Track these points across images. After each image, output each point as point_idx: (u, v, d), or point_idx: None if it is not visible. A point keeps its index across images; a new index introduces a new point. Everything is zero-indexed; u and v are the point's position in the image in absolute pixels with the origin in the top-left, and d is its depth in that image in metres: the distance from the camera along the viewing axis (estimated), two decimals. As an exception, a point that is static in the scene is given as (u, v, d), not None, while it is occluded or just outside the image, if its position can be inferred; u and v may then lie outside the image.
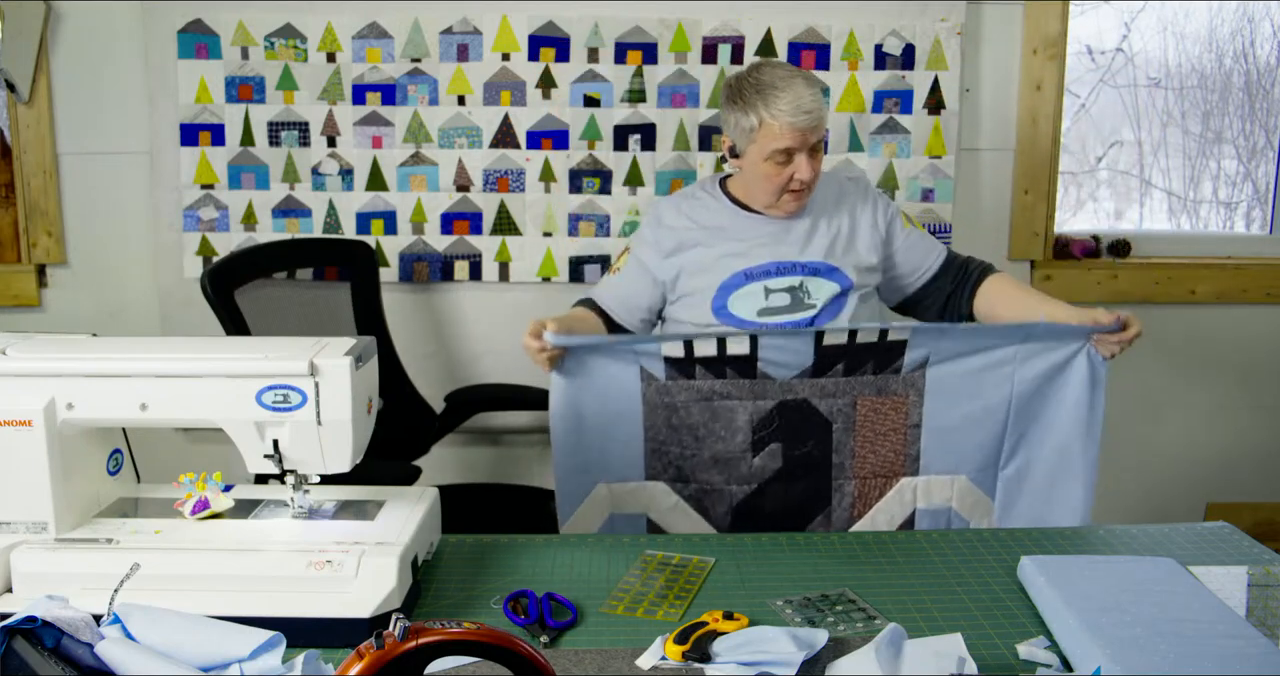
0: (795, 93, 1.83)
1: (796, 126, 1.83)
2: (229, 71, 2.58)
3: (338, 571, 1.23)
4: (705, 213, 2.01)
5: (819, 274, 1.94)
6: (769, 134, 1.85)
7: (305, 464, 1.34)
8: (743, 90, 1.88)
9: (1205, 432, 2.96)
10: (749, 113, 1.87)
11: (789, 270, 1.93)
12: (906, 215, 2.08)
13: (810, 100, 1.83)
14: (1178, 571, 1.34)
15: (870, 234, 2.01)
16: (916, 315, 2.13)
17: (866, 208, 2.03)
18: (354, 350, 1.32)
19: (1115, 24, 3.06)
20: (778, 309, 1.92)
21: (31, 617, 1.05)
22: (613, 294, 2.03)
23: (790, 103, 1.82)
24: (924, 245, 2.06)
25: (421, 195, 2.65)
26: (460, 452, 2.81)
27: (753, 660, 1.16)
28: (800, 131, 1.84)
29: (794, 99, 1.82)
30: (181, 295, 2.62)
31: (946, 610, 1.33)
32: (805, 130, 1.84)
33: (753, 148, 1.89)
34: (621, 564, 1.46)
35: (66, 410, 1.29)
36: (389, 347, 2.44)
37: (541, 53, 2.61)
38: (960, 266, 2.06)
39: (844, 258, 1.96)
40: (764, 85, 1.85)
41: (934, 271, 2.05)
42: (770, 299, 1.92)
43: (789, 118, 1.83)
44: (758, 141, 1.87)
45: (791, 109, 1.82)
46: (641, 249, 2.03)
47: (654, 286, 2.01)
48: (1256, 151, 3.18)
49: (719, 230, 1.97)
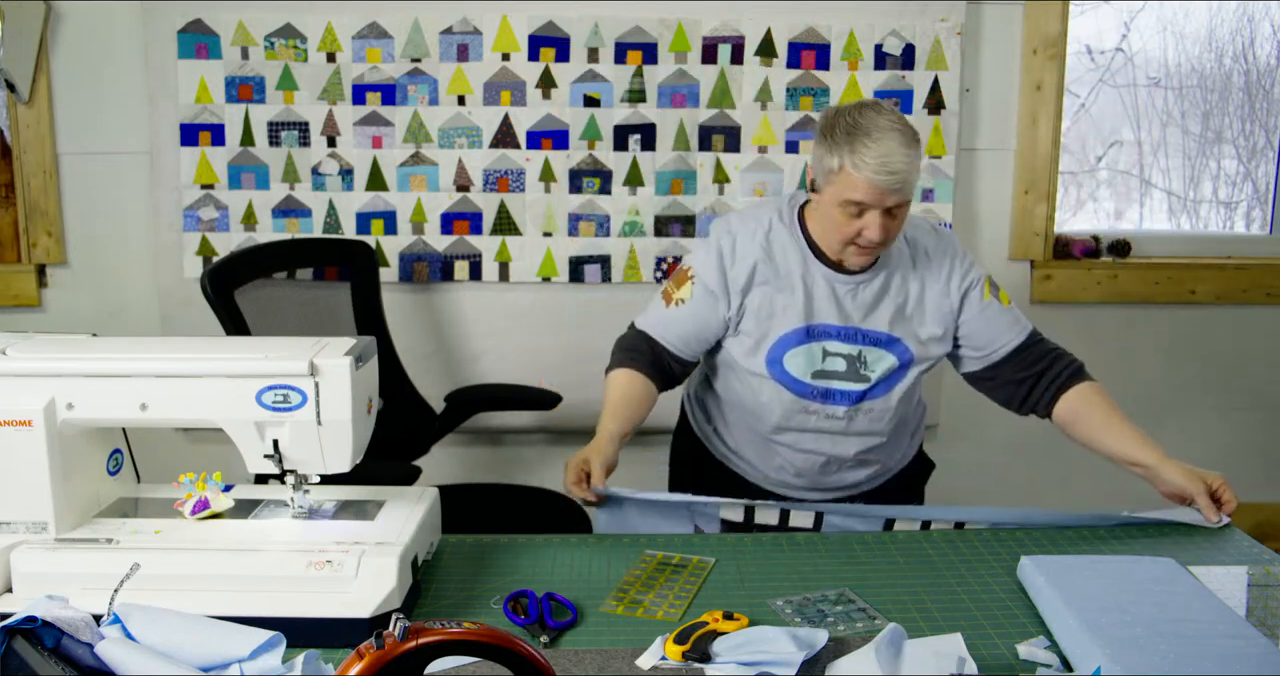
0: (885, 148, 1.65)
1: (875, 184, 1.65)
2: (229, 71, 2.58)
3: (338, 571, 1.23)
4: (780, 251, 1.82)
5: (879, 345, 1.81)
6: (846, 182, 1.68)
7: (305, 464, 1.34)
8: (835, 128, 1.71)
9: (1205, 432, 2.96)
10: (833, 153, 1.69)
11: (850, 337, 1.80)
12: (993, 284, 1.87)
13: (900, 161, 1.65)
14: (1178, 571, 1.34)
15: (939, 301, 1.83)
16: (984, 392, 1.92)
17: (944, 271, 1.84)
18: (354, 350, 1.32)
19: (1115, 24, 3.06)
20: (833, 374, 1.81)
21: (31, 617, 1.05)
22: (676, 331, 1.85)
23: (876, 157, 1.64)
24: (1002, 320, 1.85)
25: (421, 195, 2.65)
26: (460, 452, 2.81)
27: (753, 660, 1.16)
28: (878, 191, 1.66)
29: (882, 155, 1.64)
30: (181, 295, 2.62)
31: (946, 610, 1.33)
32: (884, 191, 1.66)
33: (829, 190, 1.72)
34: (621, 564, 1.45)
35: (66, 410, 1.29)
36: (389, 348, 2.44)
37: (541, 53, 2.61)
38: (1044, 355, 1.84)
39: (907, 327, 1.82)
40: (859, 130, 1.67)
41: (1007, 351, 1.84)
42: (826, 362, 1.80)
43: (869, 173, 1.65)
44: (834, 185, 1.71)
45: (876, 164, 1.64)
46: (710, 277, 1.82)
47: (721, 322, 1.84)
48: (1256, 151, 3.18)
49: (789, 275, 1.81)
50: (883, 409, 1.83)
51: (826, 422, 1.82)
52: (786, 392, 1.81)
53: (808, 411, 1.81)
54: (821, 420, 1.82)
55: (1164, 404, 2.95)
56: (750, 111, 2.66)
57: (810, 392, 1.81)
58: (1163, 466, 1.67)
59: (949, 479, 2.23)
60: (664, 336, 1.84)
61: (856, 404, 1.81)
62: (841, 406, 1.81)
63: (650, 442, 2.15)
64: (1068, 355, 1.85)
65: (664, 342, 1.84)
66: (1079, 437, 1.80)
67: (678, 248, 2.69)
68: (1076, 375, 1.82)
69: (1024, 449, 2.80)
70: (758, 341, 1.82)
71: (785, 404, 1.81)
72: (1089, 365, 1.84)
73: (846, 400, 1.81)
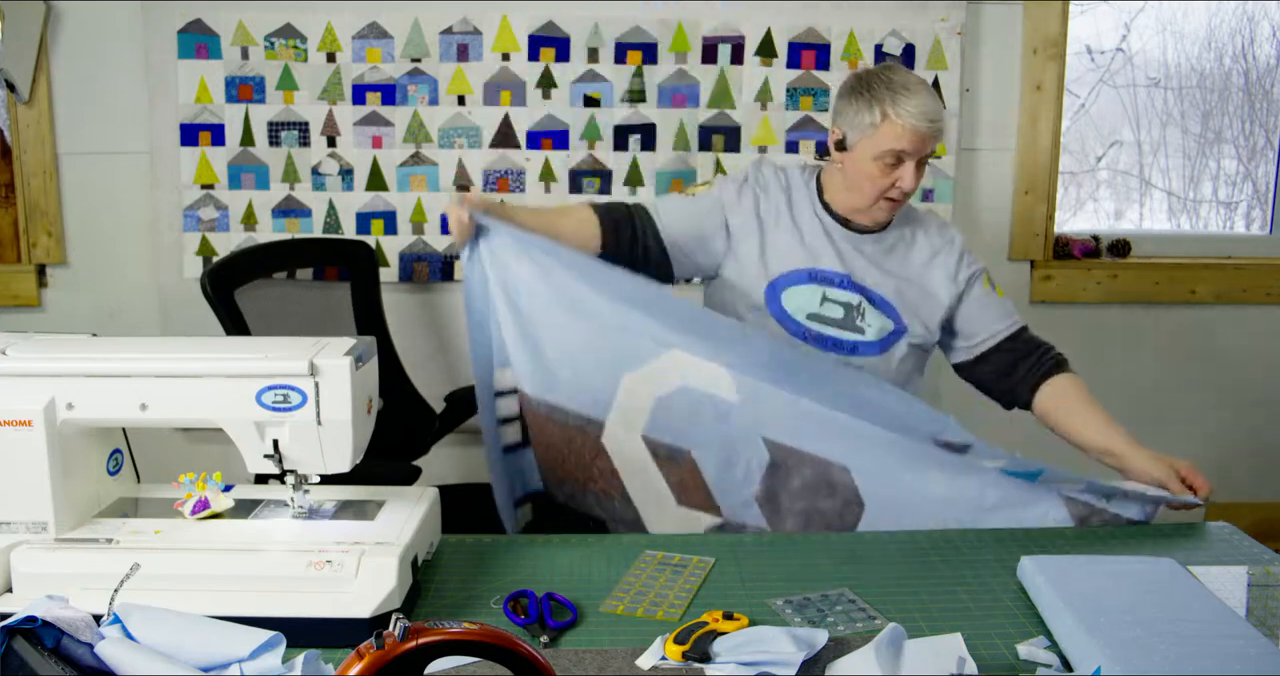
0: (924, 99, 1.78)
1: (919, 131, 1.77)
2: (229, 71, 2.58)
3: (338, 571, 1.23)
4: (798, 200, 1.92)
5: (879, 306, 1.87)
6: (889, 132, 1.78)
7: (305, 464, 1.34)
8: (872, 85, 1.81)
9: (1205, 432, 2.96)
10: (874, 106, 1.79)
11: (854, 288, 1.87)
12: (990, 278, 1.96)
13: (936, 111, 1.78)
14: (1178, 571, 1.34)
15: (945, 285, 1.91)
16: (972, 383, 1.99)
17: (950, 258, 1.92)
18: (354, 350, 1.32)
19: (1115, 24, 3.06)
20: (829, 319, 1.86)
21: (31, 617, 1.05)
22: (678, 216, 1.90)
23: (918, 107, 1.77)
24: (996, 311, 1.93)
25: (421, 195, 2.65)
26: (460, 452, 2.80)
27: (753, 660, 1.16)
28: (921, 136, 1.78)
29: (922, 104, 1.77)
30: (181, 295, 2.62)
31: (946, 610, 1.33)
32: (926, 136, 1.78)
33: (866, 143, 1.81)
34: (621, 564, 1.45)
35: (66, 410, 1.29)
36: (389, 347, 2.44)
37: (541, 53, 2.61)
38: (1030, 350, 1.90)
39: (904, 301, 1.89)
40: (896, 84, 1.79)
41: (995, 342, 1.91)
42: (824, 306, 1.86)
43: (914, 120, 1.76)
44: (875, 138, 1.80)
45: (919, 113, 1.76)
46: (728, 192, 1.91)
47: (721, 228, 1.90)
48: (1256, 151, 3.18)
49: (800, 221, 1.90)
50: (881, 370, 1.84)
51: None
52: (780, 329, 1.84)
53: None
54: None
55: (1164, 404, 2.95)
56: (750, 111, 2.66)
57: (804, 333, 1.84)
58: (1133, 454, 1.70)
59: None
60: (661, 216, 1.89)
61: (849, 355, 1.84)
62: (833, 354, 1.84)
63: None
64: (1052, 349, 1.90)
65: (657, 219, 1.88)
66: (1055, 428, 1.85)
67: (678, 248, 2.69)
68: (1056, 367, 1.87)
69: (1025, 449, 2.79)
70: (759, 271, 1.87)
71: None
72: (1089, 365, 1.85)
73: (839, 350, 1.85)
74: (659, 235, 1.88)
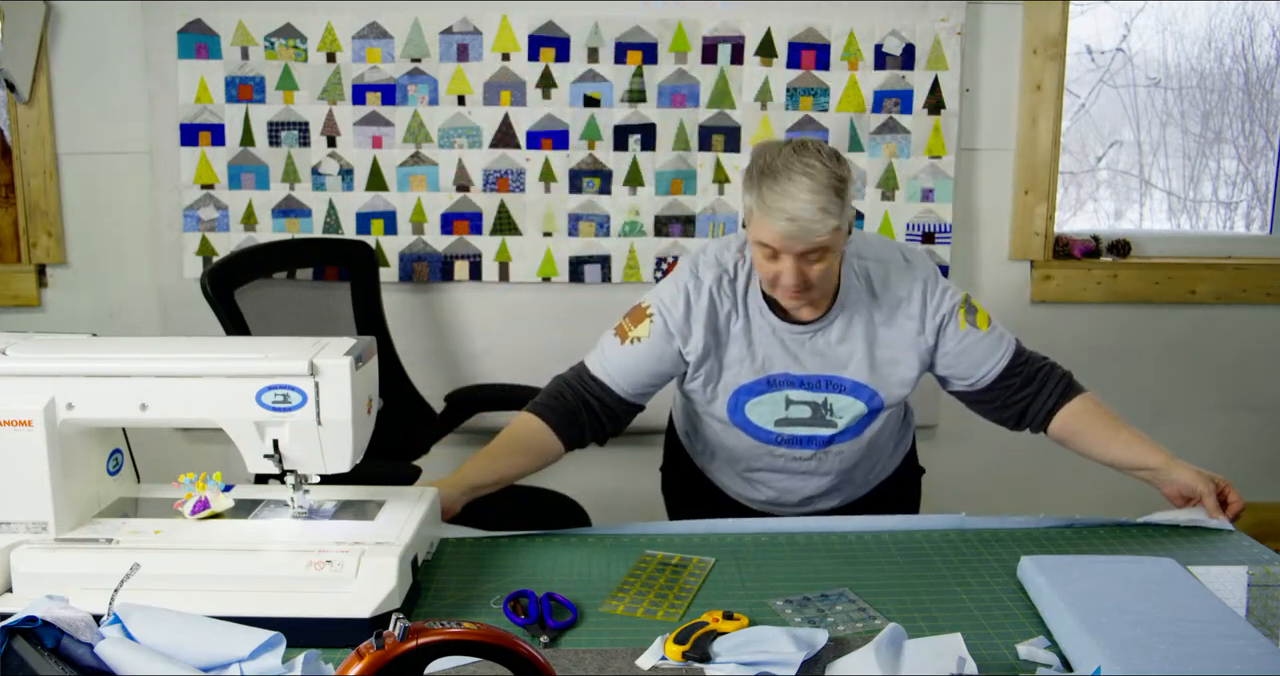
0: (791, 195, 1.53)
1: (777, 230, 1.55)
2: (229, 71, 2.58)
3: (338, 571, 1.23)
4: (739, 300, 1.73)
5: (846, 392, 1.73)
6: (757, 224, 1.59)
7: (305, 464, 1.34)
8: (753, 166, 1.61)
9: (1205, 432, 2.96)
10: (751, 190, 1.60)
11: (814, 385, 1.73)
12: (970, 307, 1.75)
13: (805, 208, 1.52)
14: (1178, 571, 1.34)
15: (914, 340, 1.73)
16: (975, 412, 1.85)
17: (915, 306, 1.72)
18: (354, 350, 1.32)
19: (1115, 24, 3.06)
20: (798, 421, 1.75)
21: (31, 617, 1.05)
22: (626, 372, 1.73)
23: (779, 202, 1.54)
24: (983, 347, 1.73)
25: (421, 195, 2.65)
26: (460, 452, 2.80)
27: (753, 660, 1.16)
28: (782, 237, 1.55)
29: (786, 200, 1.53)
30: (181, 295, 2.62)
31: (946, 610, 1.33)
32: (785, 237, 1.54)
33: (750, 230, 1.63)
34: (621, 564, 1.45)
35: (66, 410, 1.29)
36: (389, 348, 2.44)
37: (541, 53, 2.61)
38: (1032, 376, 1.75)
39: (878, 374, 1.73)
40: (769, 170, 1.57)
41: (992, 377, 1.74)
42: (790, 409, 1.74)
43: (773, 221, 1.55)
44: (750, 226, 1.62)
45: (777, 210, 1.54)
46: (672, 316, 1.72)
47: (676, 361, 1.74)
48: (1256, 151, 3.18)
49: (745, 327, 1.73)
50: (854, 450, 1.79)
51: (795, 464, 1.80)
52: (750, 438, 1.78)
53: (774, 454, 1.79)
54: (790, 462, 1.79)
55: (1164, 404, 2.95)
56: (750, 111, 2.66)
57: (774, 439, 1.77)
58: (1171, 467, 1.67)
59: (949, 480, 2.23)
60: (612, 376, 1.73)
61: (825, 447, 1.78)
62: (809, 450, 1.77)
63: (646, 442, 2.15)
64: (1056, 369, 1.77)
65: (611, 384, 1.73)
66: (1081, 451, 1.76)
67: (677, 248, 2.69)
68: (1068, 391, 1.75)
69: (1024, 448, 2.78)
70: (717, 390, 1.75)
71: (751, 447, 1.79)
72: (1089, 365, 1.83)
73: (814, 445, 1.77)
74: (618, 397, 1.74)
